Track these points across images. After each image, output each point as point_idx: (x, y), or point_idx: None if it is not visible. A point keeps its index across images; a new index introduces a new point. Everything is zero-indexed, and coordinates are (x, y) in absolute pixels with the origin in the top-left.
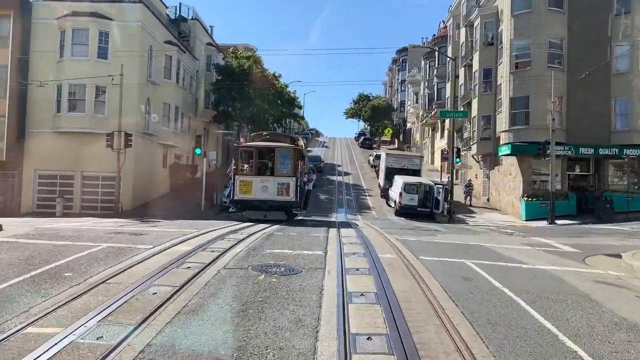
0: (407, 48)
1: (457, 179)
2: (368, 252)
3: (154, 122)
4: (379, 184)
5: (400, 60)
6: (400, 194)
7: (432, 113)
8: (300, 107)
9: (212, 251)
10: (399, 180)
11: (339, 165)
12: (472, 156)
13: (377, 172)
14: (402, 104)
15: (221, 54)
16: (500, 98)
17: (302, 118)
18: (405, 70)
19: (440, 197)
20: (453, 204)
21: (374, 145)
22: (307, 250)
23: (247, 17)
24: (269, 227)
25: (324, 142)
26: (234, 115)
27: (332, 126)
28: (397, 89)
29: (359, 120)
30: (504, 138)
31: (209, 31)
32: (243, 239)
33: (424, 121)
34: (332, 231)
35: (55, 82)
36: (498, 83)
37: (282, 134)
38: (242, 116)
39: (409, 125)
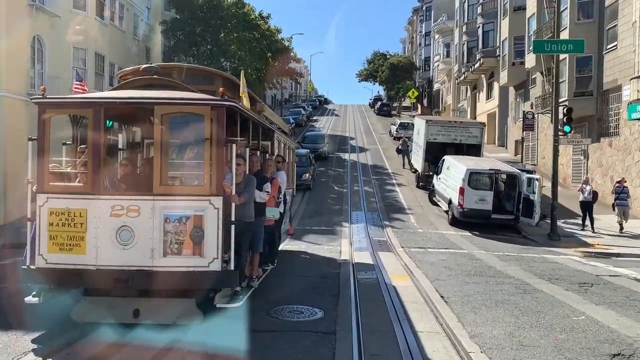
0: None
1: (516, 155)
2: None
3: (53, 78)
4: (411, 165)
5: (424, 8)
6: (462, 190)
7: (478, 65)
8: (297, 62)
9: None
10: (457, 166)
11: (352, 138)
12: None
13: (405, 148)
14: (427, 60)
15: None
16: (616, 25)
17: (301, 75)
18: (430, 19)
19: (535, 197)
20: (557, 209)
21: (393, 112)
22: None
23: None
24: None
25: (334, 110)
26: None
27: (343, 93)
28: (420, 44)
29: (374, 84)
30: (637, 90)
31: None
32: None
33: (463, 77)
34: None
35: None
36: (609, 2)
37: (202, 69)
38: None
39: (436, 86)
